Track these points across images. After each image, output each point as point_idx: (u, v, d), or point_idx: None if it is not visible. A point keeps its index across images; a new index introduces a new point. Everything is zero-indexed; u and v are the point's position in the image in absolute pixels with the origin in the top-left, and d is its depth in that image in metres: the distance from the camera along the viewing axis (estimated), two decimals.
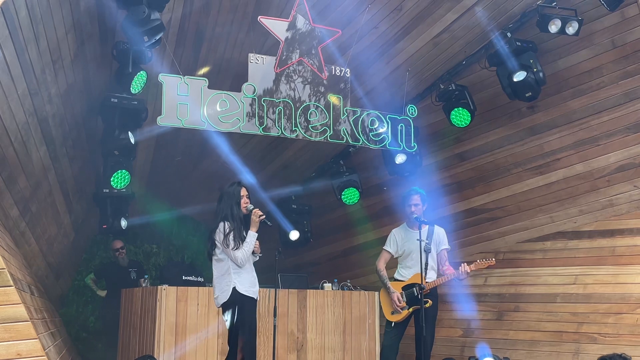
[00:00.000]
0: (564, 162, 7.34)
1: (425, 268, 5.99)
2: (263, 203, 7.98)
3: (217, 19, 6.34)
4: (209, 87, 6.08)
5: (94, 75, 6.27)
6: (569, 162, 7.31)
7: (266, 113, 6.25)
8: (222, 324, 5.73)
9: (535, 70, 6.74)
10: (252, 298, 5.39)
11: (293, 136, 6.45)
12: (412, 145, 7.07)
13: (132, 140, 6.54)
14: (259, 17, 6.12)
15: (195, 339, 6.49)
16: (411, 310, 6.21)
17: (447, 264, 6.31)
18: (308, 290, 7.32)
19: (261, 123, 6.24)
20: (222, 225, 5.34)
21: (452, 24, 6.71)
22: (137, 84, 6.03)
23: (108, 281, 9.00)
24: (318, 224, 9.54)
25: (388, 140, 6.86)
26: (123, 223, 7.15)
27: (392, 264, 6.54)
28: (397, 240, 6.45)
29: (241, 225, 5.40)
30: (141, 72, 5.99)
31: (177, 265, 9.31)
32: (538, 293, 7.53)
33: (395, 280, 6.41)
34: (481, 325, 7.82)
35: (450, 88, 7.33)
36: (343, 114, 6.62)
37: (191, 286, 6.75)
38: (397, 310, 6.24)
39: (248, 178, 7.07)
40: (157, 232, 10.53)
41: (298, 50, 6.39)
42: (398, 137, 6.91)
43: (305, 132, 6.44)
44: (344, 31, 6.50)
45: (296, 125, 6.38)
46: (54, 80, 5.46)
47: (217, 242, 5.34)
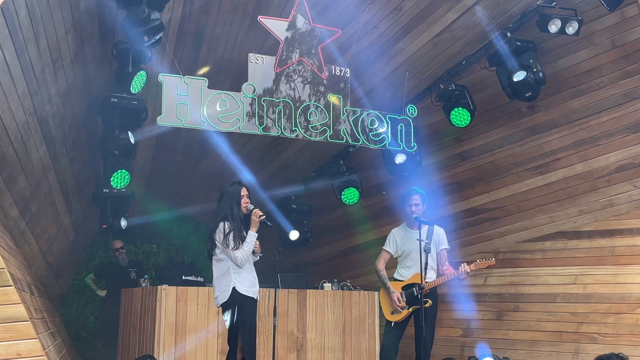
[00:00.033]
0: (564, 162, 7.34)
1: (425, 268, 5.99)
2: (263, 203, 7.98)
3: (217, 19, 6.34)
4: (209, 87, 6.07)
5: (94, 75, 6.27)
6: (569, 162, 7.31)
7: (266, 113, 6.25)
8: (222, 324, 5.72)
9: (535, 70, 6.74)
10: (252, 298, 5.38)
11: (293, 136, 6.45)
12: (412, 145, 7.07)
13: (132, 140, 6.54)
14: (259, 17, 6.12)
15: (195, 339, 6.49)
16: (411, 310, 6.21)
17: (447, 264, 6.31)
18: (308, 290, 7.32)
19: (261, 123, 6.23)
20: (222, 225, 5.33)
21: (452, 24, 6.71)
22: (137, 84, 6.03)
23: (108, 281, 9.00)
24: (318, 224, 9.53)
25: (388, 140, 6.86)
26: (123, 223, 7.15)
27: (392, 264, 6.54)
28: (397, 240, 6.44)
29: (241, 225, 5.39)
30: (141, 72, 5.99)
31: (177, 265, 9.31)
32: (538, 293, 7.53)
33: (394, 280, 6.41)
34: (481, 325, 7.82)
35: (450, 88, 7.33)
36: (343, 114, 6.62)
37: (191, 286, 6.75)
38: (397, 310, 6.23)
39: (247, 177, 7.06)
40: (157, 232, 10.53)
41: (298, 50, 6.39)
42: (398, 137, 6.92)
43: (305, 132, 6.44)
44: (344, 31, 6.49)
45: (296, 125, 6.38)
46: (54, 80, 5.46)
47: (217, 242, 5.33)
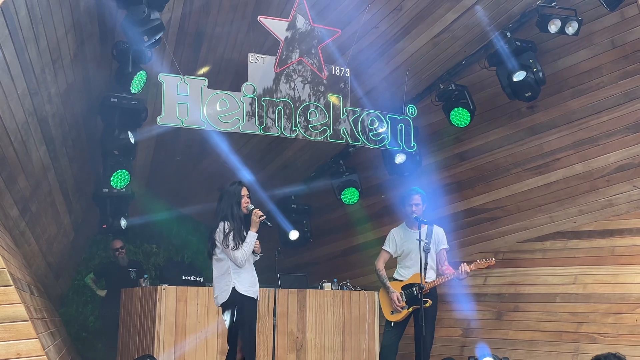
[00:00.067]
0: (564, 162, 7.35)
1: (424, 268, 5.98)
2: (263, 203, 7.98)
3: (217, 19, 6.34)
4: (209, 87, 6.07)
5: (94, 75, 6.27)
6: (569, 162, 7.31)
7: (266, 113, 6.25)
8: (222, 324, 5.72)
9: (534, 70, 6.74)
10: (252, 298, 5.37)
11: (293, 136, 6.45)
12: (412, 145, 7.07)
13: (132, 140, 6.54)
14: (259, 17, 6.12)
15: (194, 339, 6.49)
16: (411, 310, 6.21)
17: (447, 264, 6.31)
18: (308, 290, 7.32)
19: (261, 123, 6.23)
20: (222, 225, 5.32)
21: (452, 24, 6.71)
22: (137, 84, 6.03)
23: (108, 281, 9.00)
24: (318, 224, 9.53)
25: (388, 140, 6.86)
26: (123, 223, 7.15)
27: (392, 264, 6.54)
28: (396, 240, 6.44)
29: (241, 225, 5.38)
30: (141, 72, 5.99)
31: (177, 265, 9.32)
32: (537, 293, 7.53)
33: (394, 280, 6.41)
34: (481, 325, 7.82)
35: (450, 88, 7.33)
36: (343, 114, 6.62)
37: (191, 286, 6.75)
38: (397, 309, 6.23)
39: (247, 177, 7.06)
40: (157, 232, 10.52)
41: (298, 50, 6.39)
42: (398, 137, 6.92)
43: (305, 132, 6.44)
44: (344, 31, 6.50)
45: (296, 125, 6.38)
46: (54, 80, 5.46)
47: (217, 242, 5.33)
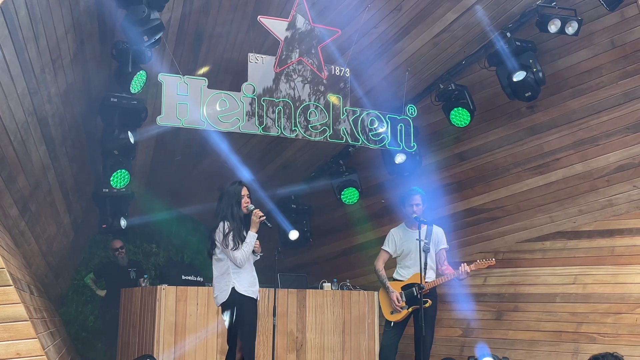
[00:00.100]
0: (564, 162, 7.34)
1: (424, 268, 5.98)
2: (262, 202, 7.98)
3: (217, 19, 6.33)
4: (209, 87, 6.07)
5: (94, 74, 6.27)
6: (569, 162, 7.31)
7: (266, 112, 6.25)
8: (222, 324, 5.72)
9: (534, 70, 6.74)
10: (252, 298, 5.36)
11: (293, 136, 6.44)
12: (412, 145, 7.07)
13: (132, 139, 6.54)
14: (259, 17, 6.11)
15: (194, 339, 6.49)
16: (410, 310, 6.21)
17: (446, 264, 6.31)
18: (307, 290, 7.32)
19: (261, 123, 6.23)
20: (222, 225, 5.32)
21: (452, 24, 6.71)
22: (137, 84, 6.03)
23: (107, 281, 9.00)
24: (317, 224, 9.53)
25: (387, 140, 6.86)
26: (122, 222, 7.14)
27: (391, 264, 6.54)
28: (396, 240, 6.44)
29: (241, 225, 5.37)
30: (141, 72, 5.99)
31: (177, 264, 9.32)
32: (537, 293, 7.52)
33: (394, 280, 6.41)
34: (480, 325, 7.82)
35: (449, 88, 7.33)
36: (343, 114, 6.62)
37: (190, 286, 6.75)
38: (397, 309, 6.23)
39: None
40: (157, 232, 10.52)
41: (298, 49, 6.39)
42: (398, 137, 6.92)
43: (304, 132, 6.44)
44: (344, 31, 6.49)
45: (296, 124, 6.38)
46: (54, 79, 5.46)
47: (217, 242, 5.33)
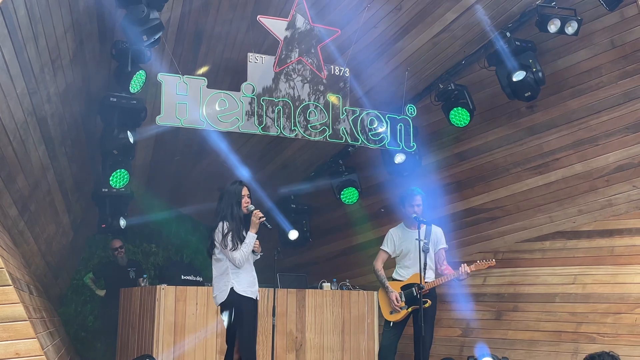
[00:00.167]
0: (563, 162, 7.35)
1: (423, 268, 5.98)
2: (262, 202, 7.98)
3: (217, 18, 6.33)
4: (208, 87, 6.07)
5: (93, 74, 6.27)
6: (568, 162, 7.31)
7: (265, 112, 6.24)
8: (221, 323, 5.71)
9: (534, 70, 6.74)
10: (251, 298, 5.34)
11: (292, 135, 6.44)
12: (411, 144, 7.07)
13: (131, 139, 6.53)
14: (258, 17, 6.11)
15: (194, 339, 6.48)
16: (410, 310, 6.21)
17: (446, 264, 6.30)
18: (307, 289, 7.31)
19: (260, 122, 6.23)
20: (222, 225, 5.30)
21: (452, 24, 6.71)
22: (136, 83, 6.03)
23: (107, 280, 8.99)
24: (317, 224, 9.53)
25: (387, 139, 6.86)
26: (122, 222, 7.14)
27: (390, 264, 6.53)
28: (395, 240, 6.43)
29: (240, 225, 5.35)
30: (140, 72, 5.99)
31: (176, 264, 9.29)
32: (537, 293, 7.53)
33: (393, 280, 6.40)
34: (480, 325, 7.82)
35: (449, 88, 7.33)
36: (342, 114, 6.62)
37: (190, 286, 6.74)
38: (396, 309, 6.23)
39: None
40: (156, 232, 10.52)
41: (297, 49, 6.38)
42: (397, 137, 6.91)
43: (304, 132, 6.43)
44: (343, 30, 6.49)
45: (295, 124, 6.37)
46: (53, 79, 5.45)
47: (216, 242, 5.32)
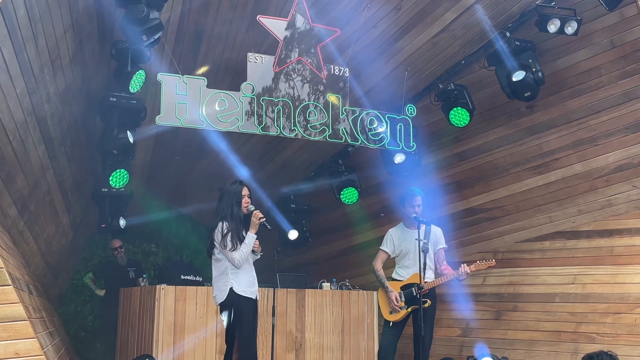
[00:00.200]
0: (563, 162, 7.35)
1: (423, 268, 5.98)
2: (262, 202, 7.98)
3: (216, 18, 6.33)
4: (208, 87, 6.07)
5: (93, 74, 6.27)
6: (568, 162, 7.32)
7: (265, 112, 6.24)
8: (221, 323, 5.70)
9: (534, 70, 6.74)
10: (250, 298, 5.33)
11: (292, 135, 6.44)
12: (411, 144, 7.06)
13: (131, 139, 6.53)
14: (258, 17, 6.11)
15: (193, 339, 6.48)
16: (410, 310, 6.21)
17: (445, 264, 6.31)
18: (307, 289, 7.31)
19: (260, 122, 6.23)
20: (221, 225, 5.29)
21: (451, 24, 6.71)
22: (136, 83, 6.03)
23: (107, 280, 8.99)
24: (317, 224, 9.53)
25: (387, 139, 6.86)
26: (122, 222, 7.14)
27: (390, 264, 6.54)
28: (394, 240, 6.43)
29: (240, 225, 5.34)
30: (140, 71, 5.99)
31: (176, 264, 9.29)
32: (536, 293, 7.53)
33: (393, 279, 6.40)
34: (479, 325, 7.82)
35: (449, 87, 7.33)
36: (342, 114, 6.62)
37: (190, 285, 6.74)
38: (396, 309, 6.23)
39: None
40: (156, 232, 10.52)
41: (297, 49, 6.38)
42: (397, 137, 6.91)
43: (304, 132, 6.43)
44: (343, 30, 6.49)
45: (295, 124, 6.37)
46: (53, 79, 5.45)
47: (215, 242, 5.31)
